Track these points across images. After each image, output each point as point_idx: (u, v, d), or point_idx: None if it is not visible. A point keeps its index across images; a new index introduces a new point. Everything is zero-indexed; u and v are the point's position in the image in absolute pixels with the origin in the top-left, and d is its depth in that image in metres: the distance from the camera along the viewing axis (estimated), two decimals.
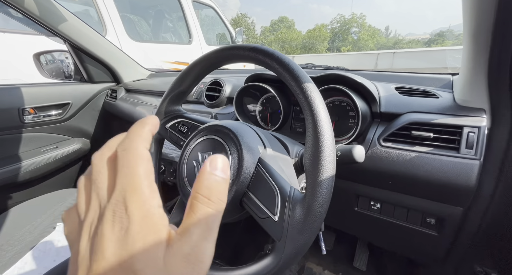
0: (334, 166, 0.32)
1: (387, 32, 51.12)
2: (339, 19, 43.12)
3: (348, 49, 38.18)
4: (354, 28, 42.67)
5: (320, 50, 34.69)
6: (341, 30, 42.78)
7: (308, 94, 0.34)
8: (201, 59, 0.47)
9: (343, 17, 43.11)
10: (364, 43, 39.28)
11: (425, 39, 45.35)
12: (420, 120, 0.49)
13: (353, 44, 40.63)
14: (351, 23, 42.10)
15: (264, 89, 0.75)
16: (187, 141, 0.46)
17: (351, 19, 42.22)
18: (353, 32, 42.90)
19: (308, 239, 0.31)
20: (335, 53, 32.27)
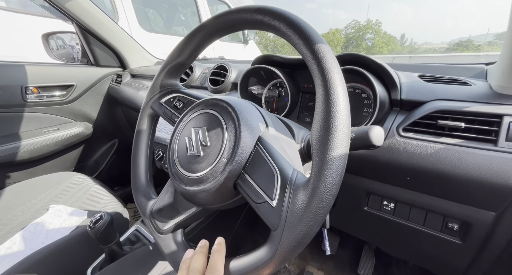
0: (348, 142, 0.26)
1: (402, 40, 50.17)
2: (353, 24, 42.64)
3: None
4: (368, 34, 42.08)
5: None
6: (355, 36, 42.28)
7: (320, 56, 0.28)
8: (201, 26, 0.41)
9: (358, 23, 42.60)
10: (378, 50, 38.67)
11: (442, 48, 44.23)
12: (448, 108, 0.42)
13: (367, 51, 40.04)
14: (366, 30, 41.53)
15: (271, 74, 0.69)
16: (181, 116, 0.41)
17: (366, 25, 41.66)
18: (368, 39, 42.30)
19: (309, 228, 0.26)
20: None
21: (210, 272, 0.29)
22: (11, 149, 1.01)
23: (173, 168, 0.38)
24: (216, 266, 0.30)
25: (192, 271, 0.30)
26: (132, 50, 1.33)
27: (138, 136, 0.50)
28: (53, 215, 0.86)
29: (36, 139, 1.07)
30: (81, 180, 1.02)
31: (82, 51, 1.26)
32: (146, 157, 0.49)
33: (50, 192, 0.95)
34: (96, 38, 1.19)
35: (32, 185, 0.98)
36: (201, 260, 0.32)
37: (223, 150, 0.33)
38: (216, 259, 0.31)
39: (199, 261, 0.31)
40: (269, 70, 0.66)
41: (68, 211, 0.87)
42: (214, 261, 0.30)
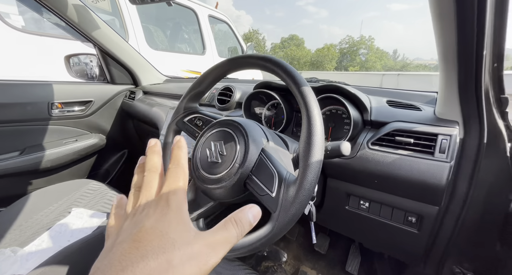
0: (322, 152, 0.40)
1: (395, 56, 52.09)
2: (348, 40, 44.36)
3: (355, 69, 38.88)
4: (362, 49, 43.69)
5: (328, 68, 35.43)
6: (350, 51, 43.82)
7: (304, 95, 0.42)
8: (218, 65, 0.56)
9: (352, 39, 44.35)
10: (371, 64, 40.00)
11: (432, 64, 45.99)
12: (403, 128, 0.57)
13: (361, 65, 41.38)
14: (359, 45, 43.20)
15: (270, 96, 0.84)
16: (202, 132, 0.55)
17: (360, 41, 43.38)
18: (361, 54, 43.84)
19: (298, 209, 0.39)
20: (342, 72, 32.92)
21: (174, 164, 0.27)
22: (36, 158, 1.12)
23: (196, 171, 0.51)
24: (179, 159, 0.27)
25: (149, 169, 0.27)
26: (144, 69, 1.49)
27: (166, 147, 0.63)
28: (75, 217, 0.97)
29: (58, 149, 1.19)
30: (97, 186, 1.13)
31: (100, 71, 1.41)
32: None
33: (69, 197, 1.06)
34: (114, 60, 1.34)
35: (53, 191, 1.09)
36: (156, 158, 0.28)
37: (236, 158, 0.46)
38: (178, 152, 0.28)
39: (154, 159, 0.28)
40: (268, 93, 0.81)
41: (88, 213, 0.98)
42: (175, 154, 0.28)
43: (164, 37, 3.22)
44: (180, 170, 0.26)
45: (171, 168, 0.26)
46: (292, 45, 41.55)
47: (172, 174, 0.26)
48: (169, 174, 0.26)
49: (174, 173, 0.26)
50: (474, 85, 0.46)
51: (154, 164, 0.28)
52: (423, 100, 0.70)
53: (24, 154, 1.12)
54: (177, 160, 0.27)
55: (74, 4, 1.05)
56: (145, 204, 0.24)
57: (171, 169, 0.26)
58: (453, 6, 0.36)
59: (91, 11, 1.14)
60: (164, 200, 0.24)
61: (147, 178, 0.26)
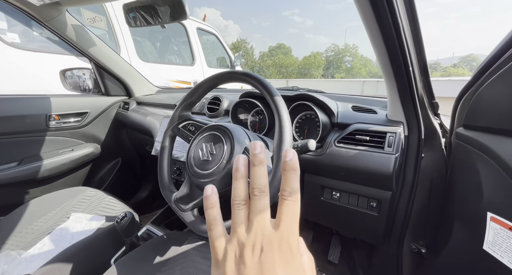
0: (291, 146, 0.51)
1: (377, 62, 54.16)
2: (333, 48, 45.97)
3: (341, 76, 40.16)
4: (347, 57, 45.33)
5: (315, 76, 36.42)
6: (335, 59, 45.34)
7: (276, 102, 0.54)
8: (208, 79, 0.67)
9: (337, 47, 45.99)
10: (357, 71, 41.47)
11: None
12: (361, 128, 0.69)
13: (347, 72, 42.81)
14: (344, 53, 44.83)
15: (253, 104, 0.96)
16: (195, 136, 0.65)
17: (345, 49, 45.05)
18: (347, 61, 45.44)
19: (274, 194, 0.49)
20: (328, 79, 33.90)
21: (290, 194, 0.23)
22: (34, 168, 1.18)
23: (191, 169, 0.61)
24: (296, 189, 0.23)
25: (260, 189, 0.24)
26: (136, 81, 1.58)
27: (162, 150, 0.72)
28: (74, 221, 1.03)
29: (55, 158, 1.25)
30: (93, 193, 1.19)
31: (95, 84, 1.49)
32: (168, 164, 0.71)
33: (67, 204, 1.12)
34: (108, 73, 1.43)
35: (51, 198, 1.14)
36: (265, 172, 0.25)
37: (224, 155, 0.57)
38: (292, 176, 0.23)
39: (262, 173, 0.25)
40: (252, 102, 0.93)
41: (87, 217, 1.04)
42: (289, 178, 0.24)
43: (154, 49, 3.33)
44: (296, 204, 0.23)
45: (287, 199, 0.23)
46: (280, 54, 42.58)
47: (289, 208, 0.23)
48: (285, 206, 0.23)
49: (292, 207, 0.23)
50: (409, 93, 0.59)
51: (264, 183, 0.24)
52: (381, 105, 0.84)
53: (22, 164, 1.18)
54: (293, 188, 0.23)
55: (73, 25, 1.14)
56: (262, 238, 0.22)
57: (287, 200, 0.23)
58: (380, 36, 0.49)
59: (88, 30, 1.24)
60: (285, 242, 0.22)
61: (259, 203, 0.23)
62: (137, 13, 1.06)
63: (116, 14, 2.33)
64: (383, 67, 0.57)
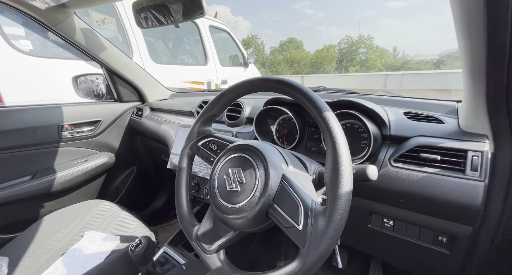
0: (351, 182, 0.38)
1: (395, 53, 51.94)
2: (346, 40, 44.44)
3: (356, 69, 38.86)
4: (361, 49, 43.69)
5: (328, 70, 35.45)
6: (349, 51, 43.86)
7: (328, 121, 0.40)
8: (232, 88, 0.55)
9: (351, 38, 44.41)
10: (372, 63, 39.90)
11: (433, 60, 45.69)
12: (427, 143, 0.54)
13: (361, 64, 41.31)
14: (358, 44, 43.22)
15: (281, 111, 0.83)
16: (218, 157, 0.53)
17: (359, 40, 43.41)
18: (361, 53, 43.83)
19: (329, 246, 0.36)
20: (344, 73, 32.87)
21: None
22: (47, 181, 1.12)
23: (215, 200, 0.49)
24: None
25: None
26: (150, 86, 1.49)
27: (180, 173, 0.61)
28: (88, 241, 0.95)
29: (68, 170, 1.19)
30: (108, 207, 1.12)
31: (108, 90, 1.42)
32: (186, 190, 0.60)
33: (81, 219, 1.05)
34: (121, 78, 1.35)
35: (64, 214, 1.08)
36: None
37: (257, 186, 0.44)
38: None
39: None
40: (279, 109, 0.79)
41: (101, 236, 0.96)
42: None
43: (167, 49, 3.26)
44: None
45: None
46: (291, 48, 41.79)
47: None
48: None
49: None
50: (505, 96, 0.43)
51: None
52: (443, 111, 0.67)
53: (35, 178, 1.13)
54: None
55: (82, 28, 1.06)
56: None
57: None
58: (483, 7, 0.33)
59: (97, 33, 1.15)
60: None
61: None
62: (148, 12, 0.96)
63: (128, 14, 2.26)
64: (469, 58, 0.42)
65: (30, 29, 1.56)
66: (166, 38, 3.30)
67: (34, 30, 1.57)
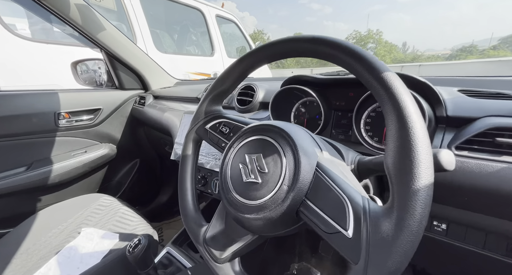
0: (432, 171, 0.26)
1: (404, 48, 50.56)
2: (354, 35, 43.47)
3: None
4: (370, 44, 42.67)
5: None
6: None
7: (389, 85, 0.28)
8: (247, 55, 0.43)
9: (359, 33, 43.43)
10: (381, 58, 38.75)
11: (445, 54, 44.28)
12: (505, 125, 0.41)
13: None
14: (367, 39, 42.23)
15: (299, 94, 0.71)
16: (231, 142, 0.42)
17: (367, 35, 42.40)
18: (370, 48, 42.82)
19: (400, 264, 0.25)
20: None
21: None
22: (44, 173, 1.04)
23: (227, 195, 0.38)
24: None
25: None
26: (153, 73, 1.39)
27: (184, 161, 0.50)
28: (85, 238, 0.87)
29: (66, 162, 1.10)
30: (108, 201, 1.03)
31: (108, 76, 1.32)
32: (192, 182, 0.49)
33: (80, 214, 0.96)
34: (122, 64, 1.25)
35: (62, 208, 1.00)
36: None
37: (283, 176, 0.33)
38: None
39: None
40: (300, 90, 0.67)
41: (99, 234, 0.87)
42: None
43: (172, 39, 3.15)
44: None
45: None
46: None
47: None
48: None
49: None
50: None
51: None
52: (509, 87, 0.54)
53: (31, 169, 1.04)
54: None
55: (76, 4, 0.95)
56: None
57: None
58: None
59: (95, 11, 1.05)
60: None
61: None
62: None
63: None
64: None
65: (24, 7, 1.47)
66: (171, 29, 3.18)
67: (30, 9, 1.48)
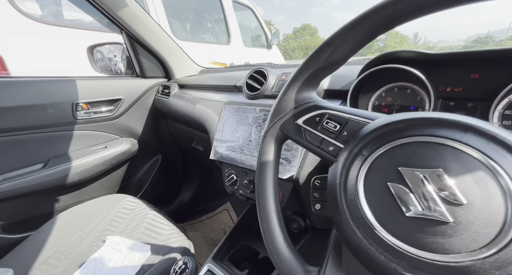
0: None
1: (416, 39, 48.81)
2: None
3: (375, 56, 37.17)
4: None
5: None
6: None
7: None
8: (382, 6, 0.27)
9: None
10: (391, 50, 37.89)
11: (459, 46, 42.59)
12: None
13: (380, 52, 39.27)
14: None
15: (388, 78, 0.55)
16: (354, 145, 0.27)
17: None
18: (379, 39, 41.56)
19: None
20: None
21: None
22: (62, 171, 0.92)
23: (369, 232, 0.23)
24: None
25: None
26: (178, 59, 1.24)
27: (264, 172, 0.36)
28: (111, 248, 0.75)
29: (86, 158, 0.98)
30: (133, 204, 0.91)
31: (128, 63, 1.18)
32: (277, 200, 0.35)
33: (102, 219, 0.85)
34: (144, 48, 1.10)
35: (82, 211, 0.89)
36: None
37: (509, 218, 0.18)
38: None
39: None
40: (395, 71, 0.51)
41: (127, 244, 0.76)
42: None
43: (182, 27, 2.98)
44: None
45: None
46: (306, 35, 40.16)
47: None
48: None
49: None
50: None
51: None
52: None
53: (48, 167, 0.93)
54: None
55: None
56: None
57: None
58: None
59: None
60: None
61: None
62: None
63: None
64: None
65: None
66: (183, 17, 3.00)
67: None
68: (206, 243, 1.29)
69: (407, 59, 0.50)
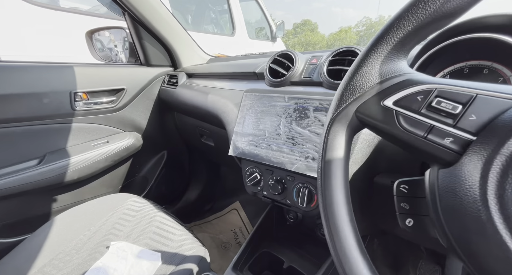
0: None
1: None
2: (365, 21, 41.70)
3: None
4: None
5: None
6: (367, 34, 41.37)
7: None
8: None
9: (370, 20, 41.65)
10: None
11: None
12: None
13: None
14: (378, 26, 40.53)
15: (451, 57, 0.45)
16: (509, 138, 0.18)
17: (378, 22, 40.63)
18: None
19: None
20: None
21: None
22: (60, 168, 0.83)
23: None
24: None
25: None
26: (186, 46, 1.14)
27: (332, 172, 0.27)
28: (115, 255, 0.66)
29: (86, 154, 0.89)
30: (139, 204, 0.82)
31: (131, 49, 1.08)
32: (350, 208, 0.26)
33: (105, 221, 0.76)
34: (149, 32, 1.00)
35: (83, 212, 0.79)
36: None
37: None
38: None
39: None
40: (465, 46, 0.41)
41: (134, 251, 0.67)
42: None
43: (183, 19, 2.85)
44: None
45: None
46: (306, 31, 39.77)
47: None
48: None
49: None
50: None
51: None
52: None
53: (44, 163, 0.83)
54: None
55: None
56: None
57: None
58: None
59: None
60: None
61: None
62: None
63: None
64: None
65: None
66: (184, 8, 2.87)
67: None
68: (216, 245, 1.21)
69: (496, 27, 0.40)
